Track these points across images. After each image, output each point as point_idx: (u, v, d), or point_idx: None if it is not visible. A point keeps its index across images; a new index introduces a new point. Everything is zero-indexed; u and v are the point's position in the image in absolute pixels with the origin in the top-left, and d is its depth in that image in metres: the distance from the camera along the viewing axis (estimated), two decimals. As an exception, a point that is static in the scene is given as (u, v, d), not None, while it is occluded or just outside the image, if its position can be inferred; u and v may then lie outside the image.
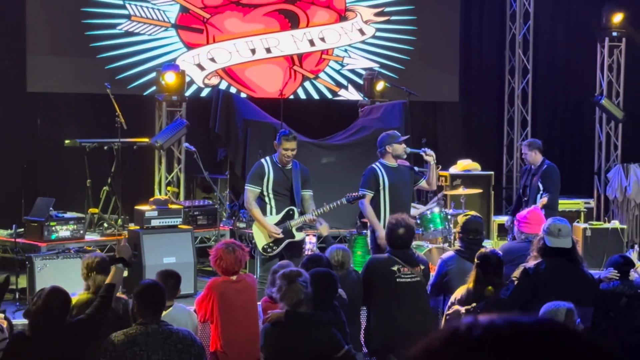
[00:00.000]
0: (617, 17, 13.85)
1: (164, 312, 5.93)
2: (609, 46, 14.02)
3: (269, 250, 8.37)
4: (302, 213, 8.51)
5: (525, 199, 10.32)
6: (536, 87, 14.82)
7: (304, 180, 8.57)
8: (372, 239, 8.74)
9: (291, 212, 8.48)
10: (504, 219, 12.80)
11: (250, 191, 8.47)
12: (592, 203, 13.34)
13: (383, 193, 8.61)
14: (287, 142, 8.49)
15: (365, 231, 9.93)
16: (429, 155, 8.72)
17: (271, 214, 8.47)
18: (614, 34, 13.94)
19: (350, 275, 7.01)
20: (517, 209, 10.50)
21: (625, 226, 12.45)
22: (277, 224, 8.41)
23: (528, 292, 6.07)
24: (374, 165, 8.77)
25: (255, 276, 7.93)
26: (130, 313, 5.41)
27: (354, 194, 8.60)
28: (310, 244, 9.19)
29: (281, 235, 8.36)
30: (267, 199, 8.47)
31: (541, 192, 10.12)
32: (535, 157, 10.37)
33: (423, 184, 8.96)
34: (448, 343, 1.48)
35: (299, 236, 8.56)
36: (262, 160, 8.66)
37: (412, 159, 9.70)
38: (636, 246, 11.74)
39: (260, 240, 8.40)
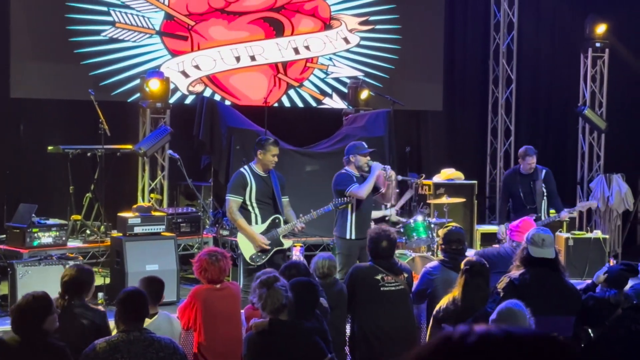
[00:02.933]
0: (601, 28, 13.93)
1: (149, 321, 5.90)
2: (592, 57, 14.09)
3: (257, 259, 8.34)
4: (285, 221, 8.52)
5: (534, 206, 10.24)
6: (520, 97, 14.88)
7: (282, 186, 8.59)
8: None
9: (277, 221, 8.48)
10: (487, 228, 12.85)
11: (233, 201, 8.42)
12: (575, 213, 13.38)
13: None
14: (274, 147, 8.52)
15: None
16: (389, 176, 8.86)
17: (256, 222, 8.45)
18: (597, 44, 14.02)
19: (335, 283, 7.01)
20: (510, 216, 10.33)
21: (607, 236, 12.48)
22: (263, 233, 8.40)
23: None
24: (344, 170, 8.90)
25: (238, 284, 7.91)
26: (114, 320, 5.39)
27: (340, 199, 8.67)
28: (300, 255, 9.20)
29: (269, 248, 8.37)
30: (250, 208, 8.44)
31: (545, 196, 10.19)
32: None
33: (378, 195, 9.10)
34: (440, 350, 1.46)
35: (287, 244, 8.60)
36: (242, 169, 8.61)
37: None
38: (611, 259, 11.70)
39: (248, 250, 8.35)
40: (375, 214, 10.27)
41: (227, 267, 6.72)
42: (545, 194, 10.27)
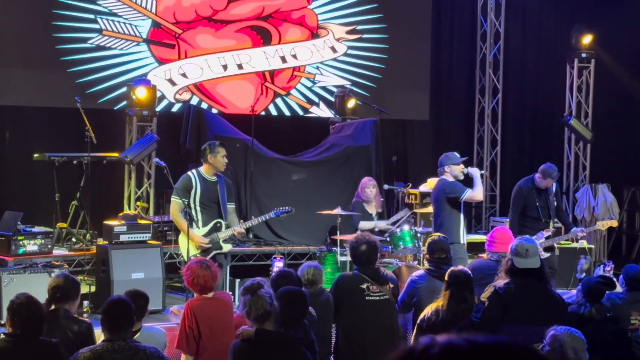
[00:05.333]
0: (587, 39, 14.00)
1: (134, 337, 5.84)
2: (578, 67, 14.16)
3: None
4: (228, 226, 8.74)
5: (549, 220, 10.16)
6: (506, 106, 14.92)
7: (229, 193, 8.79)
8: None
9: (218, 225, 8.74)
10: (472, 237, 12.87)
11: (177, 203, 8.71)
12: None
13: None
14: (222, 148, 8.79)
15: (334, 248, 9.95)
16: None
17: (198, 226, 8.70)
18: (583, 55, 14.10)
19: (322, 293, 7.00)
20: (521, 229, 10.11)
21: (593, 246, 12.51)
22: (204, 236, 8.67)
23: (499, 313, 6.04)
24: (444, 178, 9.36)
25: (230, 294, 7.89)
26: (101, 329, 5.38)
27: (282, 208, 9.03)
28: (280, 265, 9.21)
29: (209, 246, 8.59)
30: (194, 212, 8.70)
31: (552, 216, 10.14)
32: None
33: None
34: None
35: (226, 248, 8.85)
36: (189, 172, 8.88)
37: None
38: (609, 263, 11.65)
39: (188, 251, 8.49)
40: (366, 225, 10.26)
41: (218, 274, 6.71)
42: (555, 207, 10.30)
